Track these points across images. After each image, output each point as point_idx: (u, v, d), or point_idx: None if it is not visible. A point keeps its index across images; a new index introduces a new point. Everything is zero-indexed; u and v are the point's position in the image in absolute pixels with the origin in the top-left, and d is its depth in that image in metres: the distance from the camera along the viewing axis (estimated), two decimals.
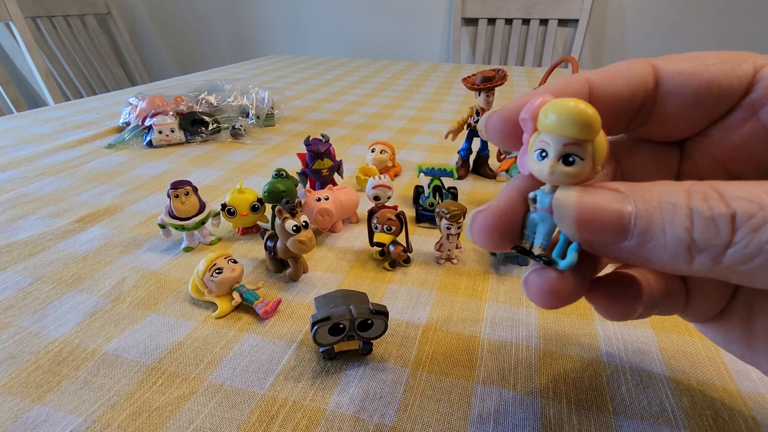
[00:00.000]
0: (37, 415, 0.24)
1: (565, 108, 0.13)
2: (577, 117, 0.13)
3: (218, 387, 0.25)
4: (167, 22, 2.16)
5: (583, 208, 0.13)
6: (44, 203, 0.47)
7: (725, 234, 0.12)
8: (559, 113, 0.13)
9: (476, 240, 0.17)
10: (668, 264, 0.13)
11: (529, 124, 0.14)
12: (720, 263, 0.12)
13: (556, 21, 1.57)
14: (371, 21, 1.88)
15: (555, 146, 0.13)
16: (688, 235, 0.12)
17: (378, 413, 0.24)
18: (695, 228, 0.12)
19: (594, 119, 0.13)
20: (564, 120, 0.13)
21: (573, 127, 0.13)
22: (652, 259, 0.13)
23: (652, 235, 0.13)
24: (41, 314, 0.31)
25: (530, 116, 0.14)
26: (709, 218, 0.12)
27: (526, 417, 0.24)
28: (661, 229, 0.13)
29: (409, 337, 0.29)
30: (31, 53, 1.35)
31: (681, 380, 0.26)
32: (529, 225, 0.16)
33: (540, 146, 0.14)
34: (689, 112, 0.16)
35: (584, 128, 0.13)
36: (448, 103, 0.92)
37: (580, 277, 0.16)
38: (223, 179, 0.54)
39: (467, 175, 0.56)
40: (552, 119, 0.13)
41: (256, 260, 0.38)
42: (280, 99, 0.81)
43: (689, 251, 0.12)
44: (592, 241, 0.14)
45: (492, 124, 0.16)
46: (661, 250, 0.13)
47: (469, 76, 0.50)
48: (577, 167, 0.13)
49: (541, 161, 0.14)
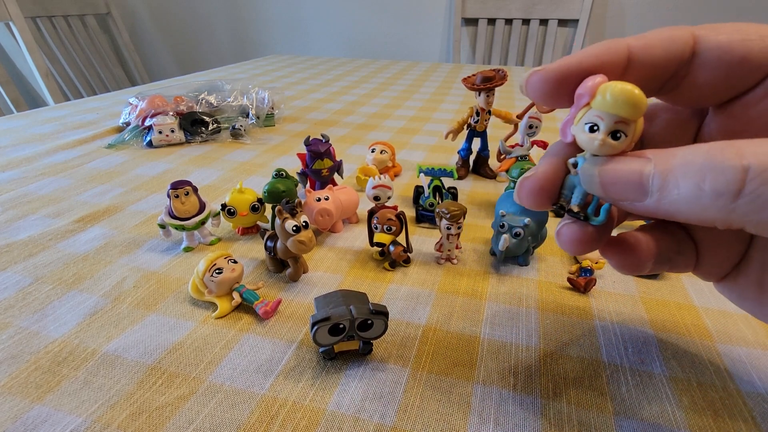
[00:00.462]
0: (37, 416, 0.24)
1: (623, 91, 0.15)
2: (632, 100, 0.14)
3: (218, 387, 0.25)
4: (167, 22, 2.16)
5: (608, 173, 0.16)
6: (44, 203, 0.47)
7: (735, 184, 0.13)
8: (617, 95, 0.15)
9: (524, 202, 0.19)
10: (687, 215, 0.14)
11: (584, 100, 0.16)
12: (733, 212, 0.13)
13: (556, 21, 1.57)
14: (371, 21, 1.88)
15: (608, 122, 0.15)
16: (699, 187, 0.13)
17: (378, 413, 0.24)
18: (706, 179, 0.13)
19: (644, 103, 0.15)
20: (621, 101, 0.15)
21: (627, 108, 0.15)
22: (673, 212, 0.14)
23: (668, 191, 0.14)
24: (41, 314, 0.31)
25: (587, 93, 0.16)
26: (720, 170, 0.13)
27: (526, 417, 0.24)
28: (676, 184, 0.14)
29: (409, 337, 0.29)
30: (31, 53, 1.35)
31: (681, 380, 0.26)
32: (567, 186, 0.18)
33: (592, 120, 0.16)
34: (719, 84, 0.17)
35: (636, 110, 0.15)
36: (448, 103, 0.92)
37: (602, 231, 0.18)
38: (223, 179, 0.54)
39: (467, 175, 0.56)
40: (609, 99, 0.15)
41: (256, 260, 0.38)
42: (280, 99, 0.81)
43: (701, 201, 0.13)
44: (620, 200, 0.16)
45: (532, 83, 0.18)
46: (678, 203, 0.14)
47: (469, 76, 0.50)
48: (622, 142, 0.15)
49: (591, 134, 0.16)
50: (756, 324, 0.31)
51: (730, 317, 0.31)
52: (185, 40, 2.18)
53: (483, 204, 0.48)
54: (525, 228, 0.34)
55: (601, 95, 0.15)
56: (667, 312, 0.32)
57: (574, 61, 0.17)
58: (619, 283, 0.35)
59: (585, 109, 0.16)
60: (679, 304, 0.33)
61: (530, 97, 0.18)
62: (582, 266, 0.34)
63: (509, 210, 0.35)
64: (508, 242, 0.34)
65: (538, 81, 0.17)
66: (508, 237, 0.34)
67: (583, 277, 0.33)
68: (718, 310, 0.32)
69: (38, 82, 1.39)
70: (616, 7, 1.60)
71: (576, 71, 0.17)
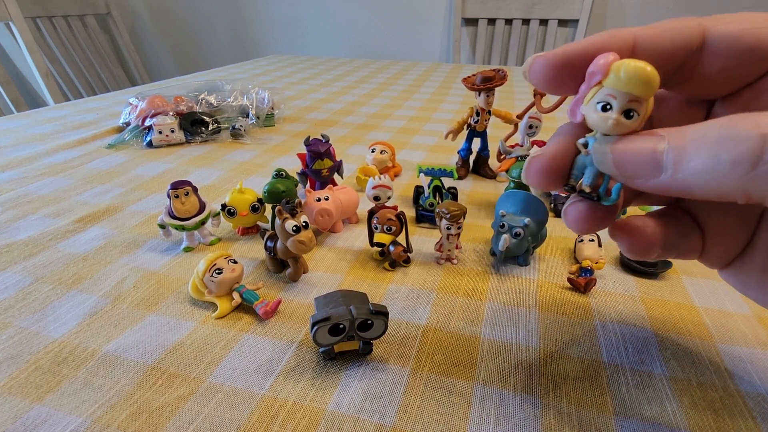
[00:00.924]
0: (37, 416, 0.24)
1: (637, 69, 0.14)
2: (645, 78, 0.14)
3: (218, 387, 0.25)
4: (167, 22, 2.16)
5: (621, 151, 0.15)
6: (44, 203, 0.47)
7: (754, 152, 0.12)
8: (631, 73, 0.14)
9: (532, 181, 0.19)
10: (703, 189, 0.14)
11: (596, 78, 0.16)
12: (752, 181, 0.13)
13: (556, 21, 1.57)
14: (371, 21, 1.88)
15: (621, 101, 0.15)
16: (716, 159, 0.13)
17: (378, 413, 0.24)
18: (723, 149, 0.13)
19: (658, 81, 0.15)
20: (635, 79, 0.14)
21: (640, 86, 0.14)
22: (688, 187, 0.14)
23: (684, 165, 0.14)
24: (41, 314, 0.31)
25: (600, 71, 0.15)
26: (738, 139, 0.13)
27: (526, 417, 0.24)
28: (691, 157, 0.14)
29: (409, 337, 0.29)
30: (31, 53, 1.35)
31: (681, 380, 0.26)
32: (577, 166, 0.18)
33: (605, 99, 0.15)
34: (730, 73, 0.17)
35: (649, 88, 0.15)
36: (448, 103, 0.92)
37: (609, 211, 0.18)
38: (223, 179, 0.54)
39: (467, 175, 0.56)
40: (623, 77, 0.15)
41: (256, 260, 0.38)
42: (280, 99, 0.81)
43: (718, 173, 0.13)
44: (633, 177, 0.15)
45: (535, 68, 0.18)
46: (694, 176, 0.14)
47: (469, 77, 0.50)
48: (635, 121, 0.15)
49: (603, 113, 0.15)
50: (756, 324, 0.31)
51: (731, 317, 0.31)
52: (185, 40, 2.18)
53: (483, 204, 0.48)
54: (525, 228, 0.34)
55: (614, 73, 0.15)
56: (667, 312, 0.32)
57: (578, 47, 0.17)
58: (619, 283, 0.35)
59: (596, 88, 0.16)
60: (679, 303, 0.33)
61: (532, 83, 0.18)
62: (582, 266, 0.34)
63: (509, 210, 0.35)
64: (508, 242, 0.34)
65: (541, 66, 0.17)
66: (508, 237, 0.34)
67: (583, 277, 0.33)
68: (718, 309, 0.32)
69: (38, 82, 1.39)
70: (616, 7, 1.60)
71: (580, 56, 0.17)
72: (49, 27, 1.57)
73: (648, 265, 0.35)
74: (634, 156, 0.15)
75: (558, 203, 0.45)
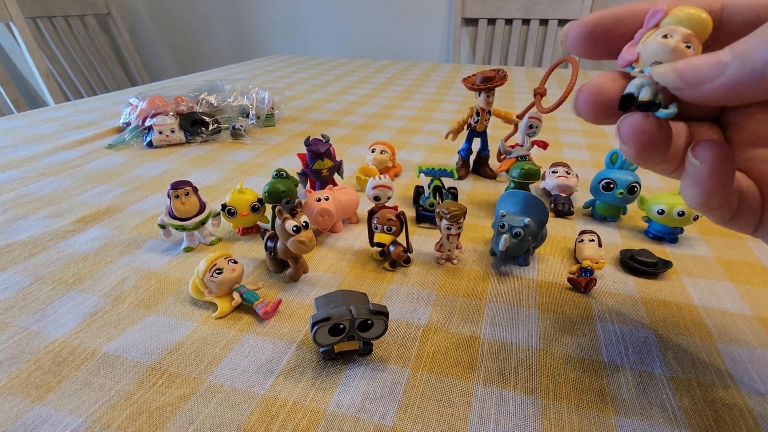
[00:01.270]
0: (37, 416, 0.24)
1: (697, 11, 0.17)
2: (702, 19, 0.17)
3: (218, 387, 0.25)
4: (167, 22, 2.16)
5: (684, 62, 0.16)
6: (44, 203, 0.47)
7: None
8: (691, 12, 0.17)
9: (581, 111, 0.19)
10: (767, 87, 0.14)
11: (656, 17, 0.17)
12: None
13: (556, 21, 1.57)
14: (371, 21, 1.88)
15: (681, 32, 0.17)
16: None
17: (378, 413, 0.24)
18: None
19: (711, 27, 0.17)
20: (695, 18, 0.17)
21: (699, 24, 0.17)
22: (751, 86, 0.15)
23: (747, 60, 0.14)
24: (41, 314, 0.31)
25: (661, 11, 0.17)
26: None
27: (526, 417, 0.24)
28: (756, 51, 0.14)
29: (409, 337, 0.29)
30: (31, 53, 1.35)
31: (681, 380, 0.26)
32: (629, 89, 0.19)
33: (666, 32, 0.17)
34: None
35: (705, 28, 0.17)
36: (448, 104, 0.92)
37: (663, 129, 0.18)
38: (223, 179, 0.54)
39: (467, 176, 0.56)
40: (683, 15, 0.17)
41: (256, 260, 0.38)
42: (280, 99, 0.81)
43: None
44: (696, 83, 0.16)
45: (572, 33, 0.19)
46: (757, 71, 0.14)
47: (469, 77, 0.50)
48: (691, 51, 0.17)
49: (664, 39, 0.17)
50: (756, 324, 0.31)
51: (731, 317, 0.31)
52: (185, 40, 2.18)
53: (483, 204, 0.48)
54: (525, 228, 0.34)
55: (680, 11, 0.17)
56: (667, 312, 0.32)
57: (611, 12, 0.19)
58: (619, 283, 0.35)
59: (653, 30, 0.17)
60: (680, 304, 0.33)
61: (568, 48, 0.19)
62: (582, 266, 0.34)
63: (509, 210, 0.35)
64: (508, 242, 0.34)
65: (578, 27, 0.19)
66: (508, 237, 0.34)
67: (583, 277, 0.33)
68: (718, 309, 0.32)
69: (38, 82, 1.39)
70: None
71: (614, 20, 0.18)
72: (49, 27, 1.57)
73: (648, 265, 0.35)
74: (697, 63, 0.16)
75: (558, 203, 0.45)
